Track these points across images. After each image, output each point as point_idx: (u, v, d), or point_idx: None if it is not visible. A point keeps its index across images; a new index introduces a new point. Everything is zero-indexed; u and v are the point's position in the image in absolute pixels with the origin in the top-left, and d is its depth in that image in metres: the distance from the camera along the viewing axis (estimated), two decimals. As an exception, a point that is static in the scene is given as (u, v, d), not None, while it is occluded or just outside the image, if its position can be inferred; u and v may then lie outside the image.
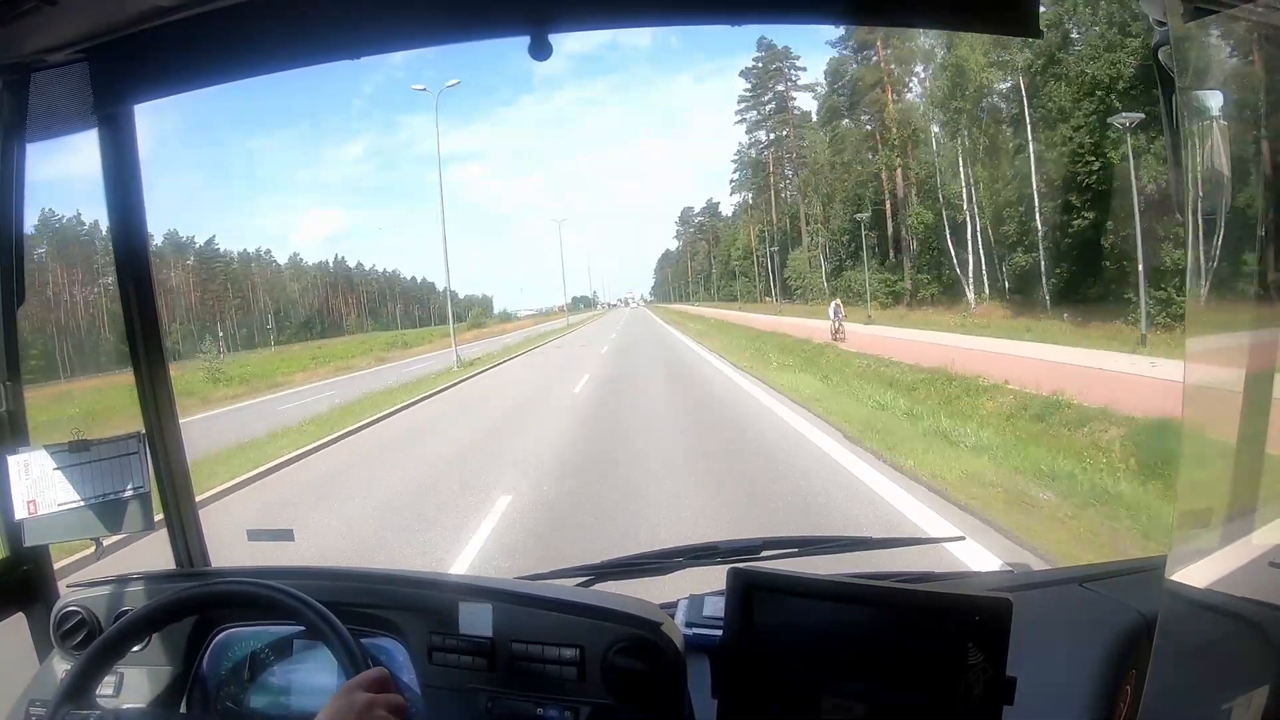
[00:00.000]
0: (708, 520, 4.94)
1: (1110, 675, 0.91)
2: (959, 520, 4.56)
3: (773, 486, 5.66)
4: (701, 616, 1.11)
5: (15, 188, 1.18)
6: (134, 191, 1.26)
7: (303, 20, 1.07)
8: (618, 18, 1.16)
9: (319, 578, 1.15)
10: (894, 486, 5.43)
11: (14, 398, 1.21)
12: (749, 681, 0.83)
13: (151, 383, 1.29)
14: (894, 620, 0.79)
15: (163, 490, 1.31)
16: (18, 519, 1.20)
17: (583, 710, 1.00)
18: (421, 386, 15.89)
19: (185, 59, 1.12)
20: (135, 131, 1.25)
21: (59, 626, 1.19)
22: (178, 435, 1.33)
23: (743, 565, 0.86)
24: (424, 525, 5.57)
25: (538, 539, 4.91)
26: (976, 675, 0.75)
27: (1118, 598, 1.05)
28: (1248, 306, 0.90)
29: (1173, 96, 1.00)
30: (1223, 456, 0.92)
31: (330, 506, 6.47)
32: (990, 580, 1.28)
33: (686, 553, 1.32)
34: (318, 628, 0.97)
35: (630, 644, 0.98)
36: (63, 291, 40.82)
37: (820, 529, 4.48)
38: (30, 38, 1.05)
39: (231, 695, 1.13)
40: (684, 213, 74.52)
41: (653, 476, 6.26)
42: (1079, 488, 5.18)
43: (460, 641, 1.05)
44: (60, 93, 1.18)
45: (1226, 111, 0.89)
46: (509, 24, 1.06)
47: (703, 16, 1.16)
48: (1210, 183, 0.89)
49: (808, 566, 0.90)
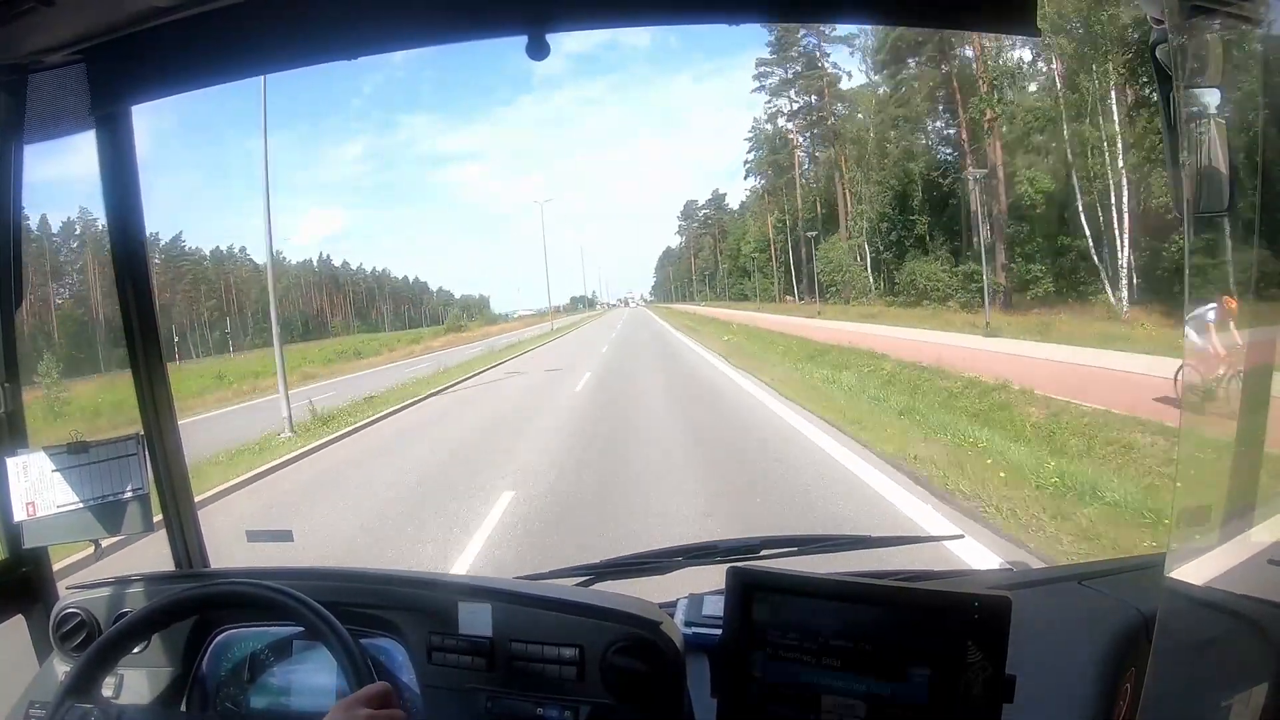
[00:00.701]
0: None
1: (1109, 673, 0.91)
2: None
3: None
4: (701, 616, 1.11)
5: (13, 189, 1.18)
6: (132, 192, 1.26)
7: (300, 21, 1.07)
8: (616, 17, 1.15)
9: (318, 578, 1.15)
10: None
11: (13, 399, 1.21)
12: (748, 681, 0.83)
13: (150, 384, 1.29)
14: (893, 619, 0.79)
15: (162, 491, 1.31)
16: (17, 521, 1.20)
17: (582, 710, 1.00)
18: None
19: (183, 59, 1.12)
20: (133, 132, 1.25)
21: (59, 628, 1.19)
22: (176, 437, 1.33)
23: (742, 564, 0.86)
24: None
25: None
26: (976, 673, 0.75)
27: (1117, 595, 1.05)
28: (1246, 304, 0.90)
29: (1170, 94, 1.00)
30: (1222, 454, 0.92)
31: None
32: (989, 578, 1.28)
33: (686, 552, 1.32)
34: (317, 628, 0.97)
35: (630, 643, 0.99)
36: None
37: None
38: (28, 38, 1.05)
39: (231, 696, 1.13)
40: (687, 206, 69.61)
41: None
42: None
43: (460, 641, 1.05)
44: (58, 93, 1.18)
45: (1225, 109, 0.89)
46: (506, 24, 1.06)
47: (701, 16, 1.16)
48: (1209, 181, 0.89)
49: (807, 565, 0.90)
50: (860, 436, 7.03)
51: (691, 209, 68.15)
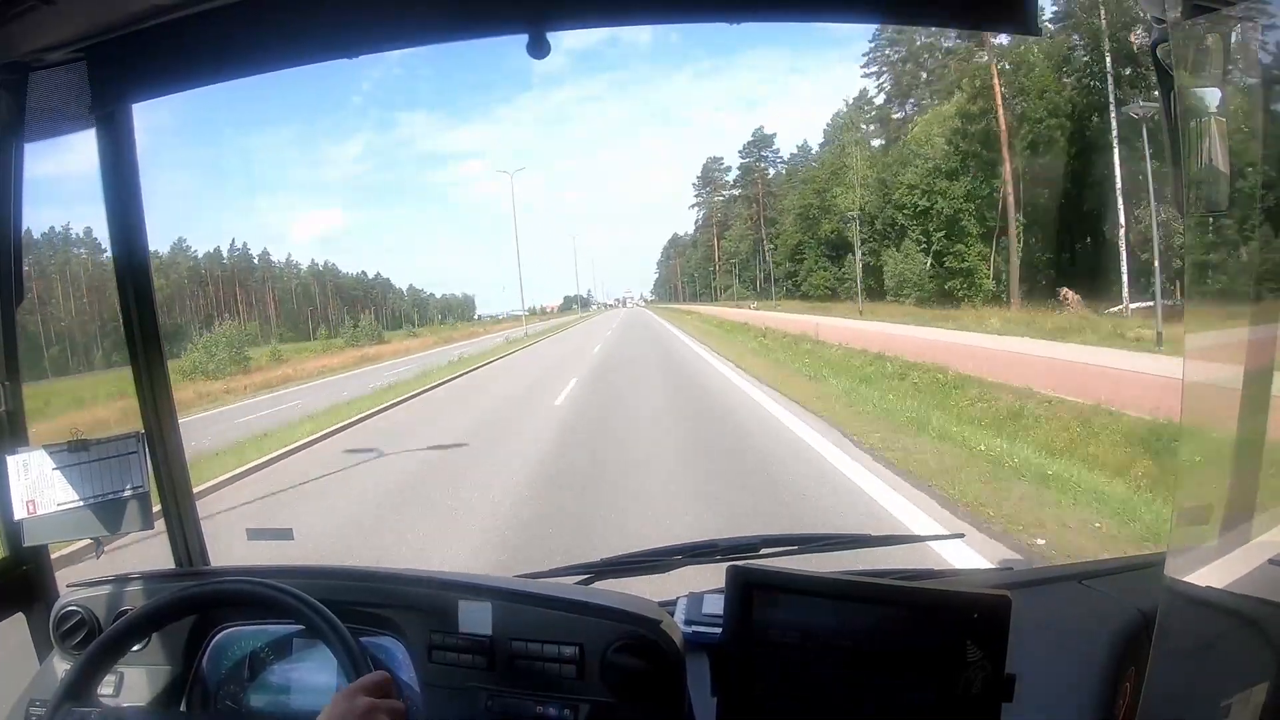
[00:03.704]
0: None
1: (1110, 672, 0.91)
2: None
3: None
4: (701, 614, 1.11)
5: (13, 188, 1.18)
6: (133, 191, 1.26)
7: (301, 19, 1.07)
8: (615, 16, 1.15)
9: (318, 577, 1.15)
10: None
11: (13, 398, 1.21)
12: (748, 679, 0.83)
13: (150, 382, 1.29)
14: (893, 618, 0.79)
15: (162, 490, 1.31)
16: (17, 519, 1.20)
17: (582, 708, 1.00)
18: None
19: (184, 58, 1.12)
20: (133, 131, 1.25)
21: (59, 626, 1.19)
22: (177, 435, 1.33)
23: (742, 563, 0.85)
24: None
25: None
26: (976, 672, 0.75)
27: (1117, 595, 1.05)
28: (1246, 302, 0.90)
29: (1171, 93, 1.00)
30: (1222, 453, 0.92)
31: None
32: (989, 577, 1.28)
33: (685, 550, 1.32)
34: (317, 627, 0.97)
35: (630, 642, 0.99)
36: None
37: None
38: (28, 37, 1.05)
39: (231, 694, 1.13)
40: (708, 167, 46.49)
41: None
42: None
43: (460, 640, 1.05)
44: (58, 92, 1.18)
45: (1225, 108, 0.89)
46: (507, 23, 1.06)
47: (700, 15, 1.16)
48: (1209, 179, 0.89)
49: (807, 564, 0.90)
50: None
51: (715, 170, 47.28)
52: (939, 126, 28.77)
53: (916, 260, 28.40)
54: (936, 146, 28.25)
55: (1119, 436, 6.51)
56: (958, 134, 27.42)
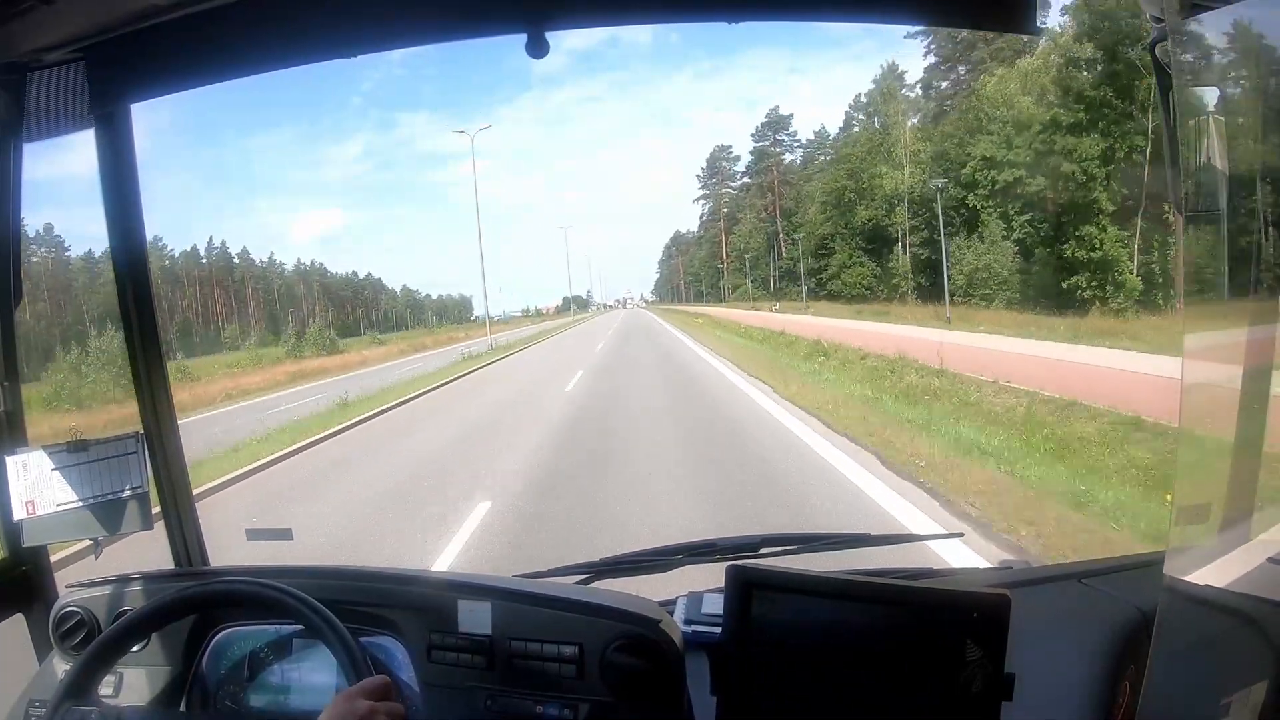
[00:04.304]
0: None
1: (1109, 671, 0.91)
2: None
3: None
4: (700, 614, 1.11)
5: (12, 188, 1.18)
6: (131, 191, 1.25)
7: (300, 19, 1.07)
8: (614, 16, 1.15)
9: (318, 576, 1.15)
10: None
11: (12, 398, 1.21)
12: (748, 678, 0.83)
13: (149, 382, 1.29)
14: (893, 617, 0.79)
15: (161, 490, 1.31)
16: (16, 519, 1.20)
17: (582, 708, 1.00)
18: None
19: (183, 58, 1.12)
20: (132, 131, 1.25)
21: (58, 627, 1.19)
22: (176, 435, 1.33)
23: (741, 562, 0.85)
24: None
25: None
26: (975, 671, 0.75)
27: (1116, 594, 1.05)
28: (1245, 303, 0.90)
29: (1170, 93, 1.00)
30: (1221, 452, 0.92)
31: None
32: (989, 576, 1.28)
33: (685, 550, 1.32)
34: (317, 627, 0.97)
35: (629, 641, 0.99)
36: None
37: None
38: (27, 37, 1.05)
39: (231, 694, 1.13)
40: (715, 156, 41.02)
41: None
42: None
43: (459, 640, 1.05)
44: (57, 92, 1.18)
45: (1223, 108, 0.89)
46: (506, 22, 1.06)
47: (700, 15, 1.16)
48: (1208, 179, 0.89)
49: (806, 564, 0.90)
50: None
51: (723, 160, 41.56)
52: (1020, 83, 22.94)
53: (1004, 251, 22.75)
54: (1022, 106, 22.60)
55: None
56: (1070, 80, 20.52)
